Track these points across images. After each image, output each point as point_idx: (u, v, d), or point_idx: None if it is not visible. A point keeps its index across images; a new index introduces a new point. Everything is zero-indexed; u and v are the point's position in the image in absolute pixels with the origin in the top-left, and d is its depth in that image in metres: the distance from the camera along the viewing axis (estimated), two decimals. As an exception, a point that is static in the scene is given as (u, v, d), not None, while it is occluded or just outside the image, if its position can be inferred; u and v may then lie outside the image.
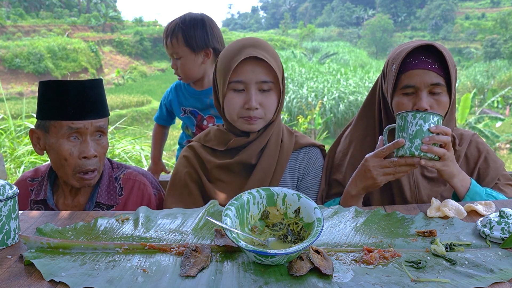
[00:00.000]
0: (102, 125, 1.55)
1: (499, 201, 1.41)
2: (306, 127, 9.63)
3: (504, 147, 13.10)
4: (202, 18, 2.21)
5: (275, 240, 1.16)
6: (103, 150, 1.58)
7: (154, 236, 1.20)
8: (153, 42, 43.73)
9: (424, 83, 1.46)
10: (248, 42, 1.55)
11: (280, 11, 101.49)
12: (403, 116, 1.35)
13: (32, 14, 47.14)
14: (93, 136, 1.55)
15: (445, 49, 1.50)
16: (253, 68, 1.51)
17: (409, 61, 1.48)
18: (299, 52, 39.43)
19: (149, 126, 15.11)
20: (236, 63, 1.49)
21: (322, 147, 1.74)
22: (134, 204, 1.66)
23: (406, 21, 71.55)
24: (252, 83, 1.52)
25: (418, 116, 1.32)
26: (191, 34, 2.16)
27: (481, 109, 17.41)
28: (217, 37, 2.22)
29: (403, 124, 1.35)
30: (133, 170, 1.74)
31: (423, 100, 1.46)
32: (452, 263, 1.04)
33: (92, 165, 1.55)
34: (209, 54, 2.20)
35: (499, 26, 39.90)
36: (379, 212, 1.32)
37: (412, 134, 1.33)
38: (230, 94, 1.54)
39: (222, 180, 1.62)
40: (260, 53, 1.51)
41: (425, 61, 1.46)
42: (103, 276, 1.00)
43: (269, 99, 1.55)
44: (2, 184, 1.17)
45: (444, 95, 1.48)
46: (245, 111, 1.53)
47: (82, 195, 1.63)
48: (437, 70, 1.46)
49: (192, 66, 2.21)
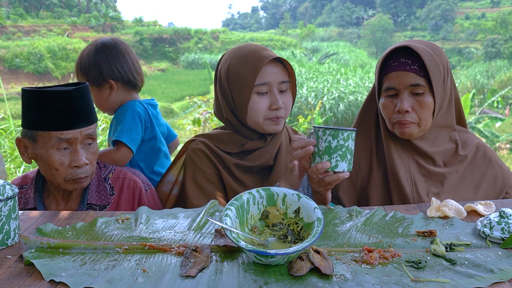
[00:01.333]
0: (91, 132, 1.52)
1: (499, 201, 1.41)
2: (306, 127, 9.62)
3: (504, 147, 13.10)
4: (96, 51, 1.97)
5: (275, 240, 1.16)
6: (94, 156, 1.56)
7: (154, 236, 1.20)
8: (153, 42, 43.71)
9: (404, 84, 1.48)
10: (254, 47, 1.60)
11: (280, 11, 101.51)
12: (316, 131, 1.36)
13: (32, 14, 47.14)
14: (83, 144, 1.51)
15: (425, 49, 1.48)
16: (274, 69, 1.57)
17: (390, 63, 1.51)
18: (299, 52, 39.43)
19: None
20: (260, 66, 1.53)
21: None
22: (127, 202, 1.64)
23: (406, 21, 71.55)
24: (275, 85, 1.57)
25: (328, 133, 1.32)
26: (86, 72, 1.96)
27: (481, 109, 17.41)
28: (116, 66, 1.97)
29: (316, 139, 1.36)
30: (121, 168, 1.73)
31: (403, 102, 1.48)
32: (452, 263, 1.04)
33: (84, 173, 1.52)
34: (113, 86, 1.97)
35: (499, 26, 39.89)
36: (379, 212, 1.32)
37: (321, 150, 1.33)
38: (255, 98, 1.57)
39: (241, 180, 1.63)
40: (274, 54, 1.57)
41: (405, 62, 1.48)
42: (103, 276, 1.00)
43: (288, 99, 1.62)
44: (2, 184, 1.17)
45: (427, 96, 1.48)
46: (271, 112, 1.57)
47: (74, 199, 1.60)
48: (417, 71, 1.46)
49: (100, 100, 2.01)
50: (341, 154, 1.32)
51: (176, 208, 1.40)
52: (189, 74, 33.48)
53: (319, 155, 1.33)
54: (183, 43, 46.66)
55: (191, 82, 29.00)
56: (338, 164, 1.32)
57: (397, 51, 1.51)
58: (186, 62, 39.73)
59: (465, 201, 1.40)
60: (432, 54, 1.48)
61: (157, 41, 44.19)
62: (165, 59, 42.58)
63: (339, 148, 1.31)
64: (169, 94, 25.33)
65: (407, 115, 1.49)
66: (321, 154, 1.33)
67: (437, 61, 1.48)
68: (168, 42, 45.19)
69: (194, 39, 47.45)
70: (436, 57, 1.49)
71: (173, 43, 45.47)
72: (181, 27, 50.05)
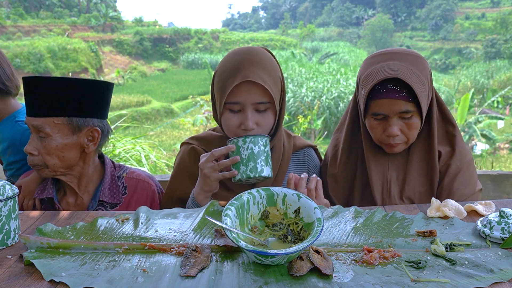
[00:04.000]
0: (36, 125, 1.52)
1: (499, 201, 1.41)
2: (306, 127, 9.63)
3: (504, 147, 13.10)
4: None
5: (275, 240, 1.16)
6: (45, 150, 1.54)
7: (154, 236, 1.20)
8: (153, 42, 43.74)
9: (393, 111, 1.47)
10: (244, 60, 1.50)
11: (280, 11, 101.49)
12: (234, 142, 1.42)
13: (32, 14, 47.14)
14: (36, 133, 1.55)
15: (413, 71, 1.45)
16: (249, 89, 1.48)
17: (378, 89, 1.47)
18: (299, 52, 39.43)
19: (149, 127, 15.12)
20: (231, 86, 1.47)
21: (315, 147, 1.78)
22: (139, 203, 1.66)
23: (406, 21, 71.54)
24: (248, 104, 1.49)
25: (248, 141, 1.39)
26: None
27: (481, 109, 17.41)
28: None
29: (236, 149, 1.41)
30: (135, 169, 1.75)
31: (393, 127, 1.48)
32: (452, 263, 1.04)
33: (34, 161, 1.55)
34: None
35: (499, 26, 39.89)
36: (379, 212, 1.33)
37: (245, 158, 1.39)
38: (227, 114, 1.53)
39: (225, 184, 1.62)
40: (256, 73, 1.47)
41: (393, 89, 1.45)
42: (103, 276, 1.00)
43: (266, 119, 1.53)
44: (2, 184, 1.17)
45: (415, 118, 1.49)
46: (241, 130, 1.51)
47: (85, 194, 1.64)
48: (406, 98, 1.44)
49: None
50: (265, 159, 1.40)
51: (176, 208, 1.40)
52: (189, 74, 33.49)
53: (244, 164, 1.39)
54: (183, 43, 46.68)
55: (191, 82, 29.01)
56: (264, 169, 1.39)
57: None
58: (186, 62, 39.75)
59: (465, 201, 1.40)
60: (419, 75, 1.46)
61: (157, 41, 44.21)
62: (165, 59, 42.60)
63: (261, 153, 1.40)
64: (169, 94, 25.34)
65: (396, 138, 1.51)
66: (246, 162, 1.39)
67: (423, 81, 1.47)
68: (168, 42, 45.21)
69: (194, 39, 47.49)
70: (422, 76, 1.47)
71: (173, 43, 45.49)
72: (181, 27, 50.09)
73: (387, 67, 1.46)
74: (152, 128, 15.94)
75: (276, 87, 1.53)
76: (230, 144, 1.42)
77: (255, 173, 1.39)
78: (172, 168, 1.74)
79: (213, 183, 1.44)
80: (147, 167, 4.58)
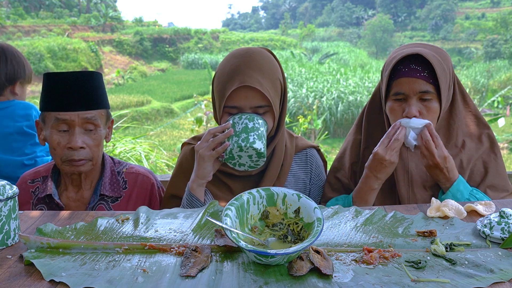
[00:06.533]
0: (90, 117, 1.55)
1: (499, 201, 1.41)
2: (306, 127, 9.61)
3: (504, 147, 13.09)
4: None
5: (275, 240, 1.16)
6: (95, 143, 1.58)
7: (154, 236, 1.20)
8: (153, 42, 43.72)
9: (413, 90, 1.50)
10: (242, 63, 1.50)
11: (280, 11, 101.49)
12: (232, 119, 1.49)
13: (32, 14, 47.14)
14: (83, 128, 1.55)
15: (435, 56, 1.50)
16: (247, 94, 1.49)
17: (400, 69, 1.52)
18: (299, 52, 39.41)
19: (149, 127, 15.12)
20: (229, 91, 1.48)
21: (317, 147, 1.78)
22: (139, 197, 1.69)
23: (406, 21, 71.53)
24: (246, 109, 1.51)
25: (244, 117, 1.47)
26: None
27: (481, 109, 17.40)
28: (13, 68, 2.22)
29: (232, 126, 1.47)
30: (134, 165, 1.78)
31: (412, 107, 1.51)
32: (452, 263, 1.04)
33: (79, 155, 1.55)
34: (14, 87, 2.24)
35: (499, 26, 39.89)
36: (379, 212, 1.33)
37: (238, 131, 1.45)
38: (226, 117, 1.55)
39: (227, 184, 1.63)
40: (253, 77, 1.47)
41: (415, 69, 1.49)
42: (103, 276, 1.00)
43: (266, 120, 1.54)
44: (2, 184, 1.17)
45: (434, 102, 1.51)
46: None
47: (86, 189, 1.65)
48: (426, 78, 1.49)
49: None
50: (258, 135, 1.43)
51: (176, 208, 1.40)
52: (189, 74, 33.48)
53: (236, 135, 1.43)
54: (183, 43, 46.66)
55: (191, 82, 29.00)
56: (256, 141, 1.42)
57: (407, 57, 1.52)
58: (186, 62, 39.73)
59: (465, 202, 1.40)
60: (440, 61, 1.51)
61: (157, 41, 44.19)
62: (165, 59, 42.58)
63: (256, 129, 1.43)
64: (169, 94, 25.33)
65: None
66: (239, 134, 1.43)
67: (445, 68, 1.51)
68: (168, 42, 45.19)
69: (194, 39, 47.46)
70: (444, 63, 1.52)
71: (173, 43, 45.47)
72: (181, 27, 50.05)
73: (411, 48, 1.53)
74: (152, 128, 15.95)
75: (275, 89, 1.53)
76: (227, 122, 1.45)
77: (247, 142, 1.41)
78: (173, 168, 1.76)
79: (207, 165, 1.46)
80: (148, 167, 4.58)
